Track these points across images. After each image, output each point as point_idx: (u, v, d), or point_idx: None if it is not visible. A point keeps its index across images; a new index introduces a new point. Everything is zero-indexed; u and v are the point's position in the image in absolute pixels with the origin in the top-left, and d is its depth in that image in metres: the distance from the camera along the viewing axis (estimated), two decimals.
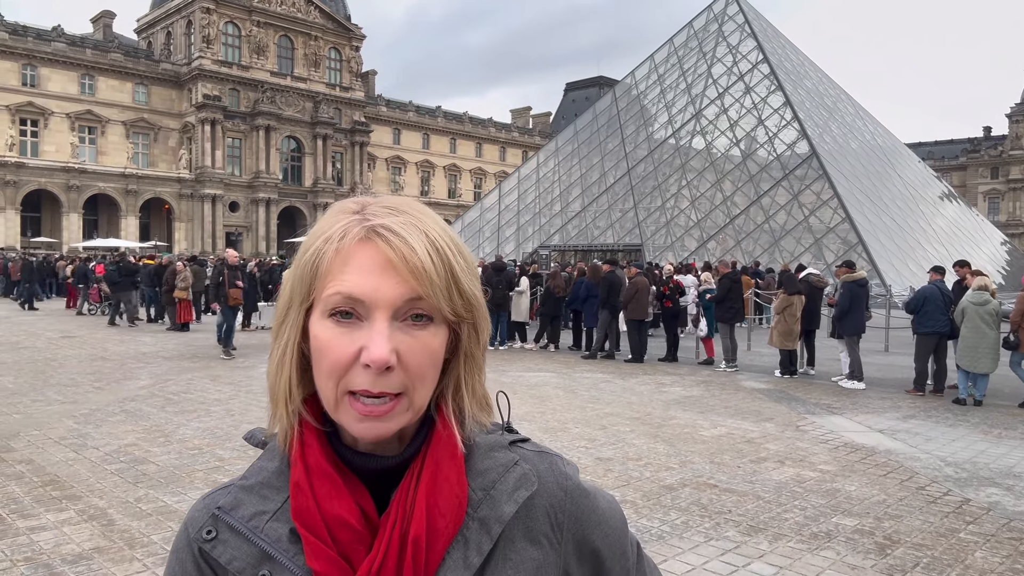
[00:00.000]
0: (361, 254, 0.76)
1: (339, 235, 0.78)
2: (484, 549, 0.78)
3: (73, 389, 9.90)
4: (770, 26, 39.72)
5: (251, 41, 57.47)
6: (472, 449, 0.83)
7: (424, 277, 0.75)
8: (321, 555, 0.75)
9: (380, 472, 0.80)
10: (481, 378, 0.85)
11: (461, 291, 0.78)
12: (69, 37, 53.75)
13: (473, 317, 0.81)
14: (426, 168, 72.84)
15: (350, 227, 0.78)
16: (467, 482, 0.80)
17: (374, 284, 0.75)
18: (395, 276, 0.75)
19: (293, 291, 0.80)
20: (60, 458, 6.43)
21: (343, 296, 0.75)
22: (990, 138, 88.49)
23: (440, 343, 0.78)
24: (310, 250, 0.79)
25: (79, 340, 15.70)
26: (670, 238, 32.80)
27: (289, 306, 0.80)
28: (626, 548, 0.92)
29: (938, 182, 45.71)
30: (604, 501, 0.91)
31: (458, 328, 0.80)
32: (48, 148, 51.11)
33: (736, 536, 4.80)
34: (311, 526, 0.76)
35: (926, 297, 10.58)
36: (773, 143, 32.58)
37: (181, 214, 55.32)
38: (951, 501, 5.62)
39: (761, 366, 13.11)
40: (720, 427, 8.14)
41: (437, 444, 0.80)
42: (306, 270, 0.79)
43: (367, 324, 0.75)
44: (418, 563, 0.75)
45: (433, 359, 0.78)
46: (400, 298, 0.75)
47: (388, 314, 0.75)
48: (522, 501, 0.81)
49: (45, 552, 4.37)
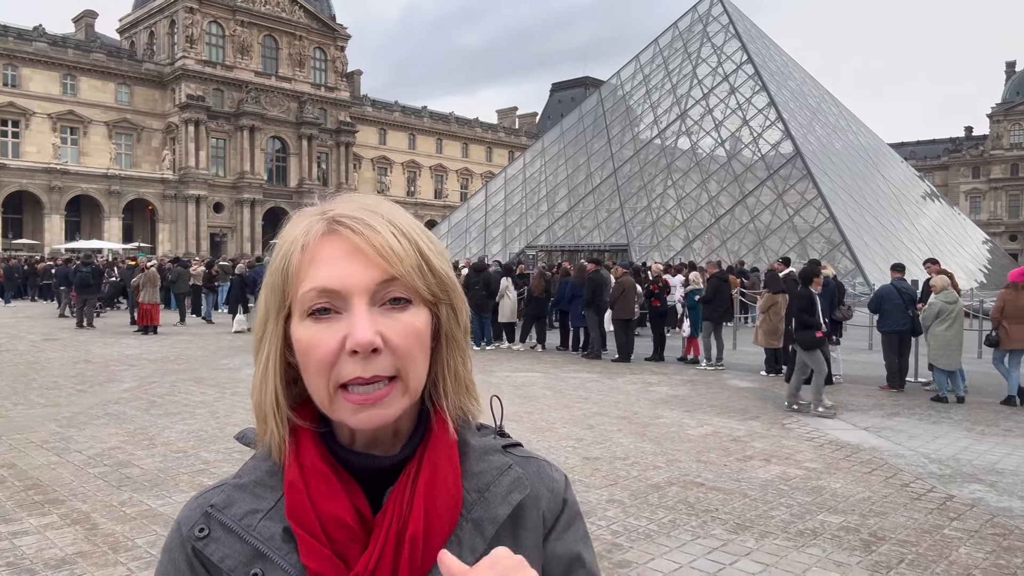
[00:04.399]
0: (327, 247, 0.77)
1: (303, 234, 0.78)
2: (478, 549, 0.78)
3: (56, 392, 9.80)
4: (754, 27, 39.96)
5: (235, 41, 57.10)
6: (466, 451, 0.83)
7: (393, 257, 0.75)
8: (316, 553, 0.75)
9: (375, 472, 0.80)
10: (464, 361, 0.84)
11: (433, 270, 0.78)
12: (51, 37, 53.19)
13: (449, 298, 0.81)
14: (412, 168, 72.66)
15: (312, 225, 0.78)
16: (462, 483, 0.81)
17: (345, 272, 0.75)
18: (364, 260, 0.75)
19: (268, 303, 0.80)
20: (43, 462, 6.36)
21: (317, 291, 0.75)
22: (971, 138, 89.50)
23: (423, 323, 0.78)
24: (278, 257, 0.79)
25: (61, 343, 15.53)
26: (656, 238, 32.92)
27: (266, 319, 0.80)
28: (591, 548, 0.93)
29: (921, 182, 46.14)
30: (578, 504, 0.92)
31: (437, 310, 0.80)
32: (30, 149, 50.53)
33: (723, 534, 4.82)
34: (306, 525, 0.76)
35: (883, 296, 10.86)
36: (758, 143, 32.78)
37: (165, 215, 54.87)
38: (935, 498, 5.67)
39: (747, 365, 13.18)
40: (706, 426, 8.18)
41: (435, 446, 0.81)
42: (276, 278, 0.79)
43: (346, 315, 0.75)
44: (414, 562, 0.75)
45: (419, 339, 0.77)
46: (373, 281, 0.75)
47: (365, 299, 0.75)
48: (515, 504, 0.82)
49: (28, 557, 4.31)
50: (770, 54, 38.74)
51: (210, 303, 21.83)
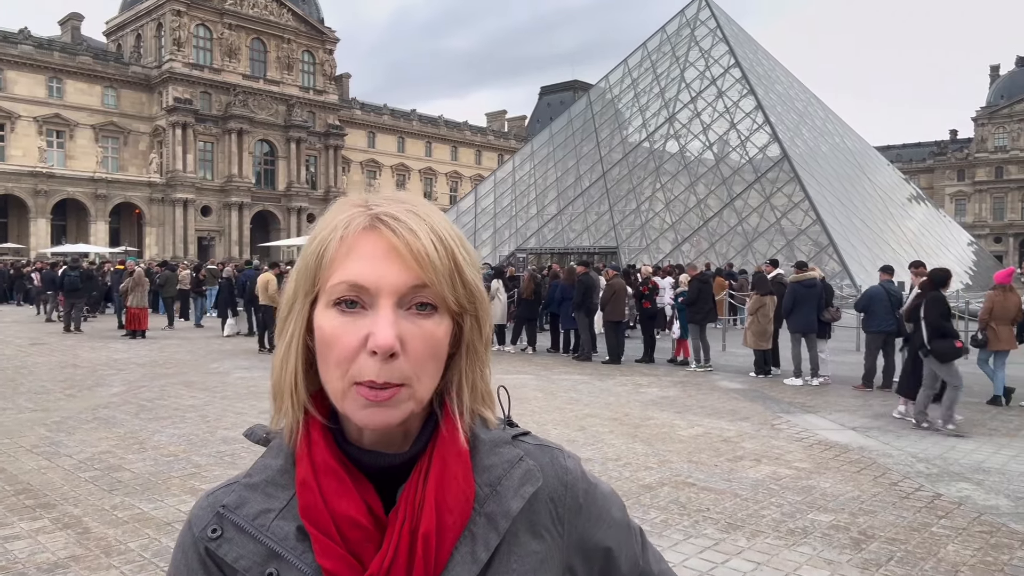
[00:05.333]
0: (365, 242, 0.77)
1: (344, 225, 0.78)
2: (491, 544, 0.78)
3: (44, 396, 9.73)
4: (742, 31, 40.21)
5: (223, 44, 56.90)
6: (477, 445, 0.83)
7: (428, 264, 0.75)
8: (331, 553, 0.75)
9: (385, 470, 0.80)
10: (484, 373, 0.84)
11: (464, 281, 0.79)
12: (36, 39, 52.81)
13: (475, 309, 0.81)
14: (401, 172, 72.58)
15: (354, 217, 0.79)
16: (473, 478, 0.80)
17: (379, 271, 0.75)
18: (399, 263, 0.76)
19: (298, 283, 0.80)
20: (32, 466, 6.32)
21: (348, 284, 0.75)
22: (956, 141, 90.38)
23: (444, 333, 0.78)
24: (315, 241, 0.79)
25: (49, 347, 15.42)
26: (645, 240, 33.03)
27: (294, 299, 0.80)
28: (630, 538, 0.93)
29: (906, 184, 46.51)
30: (604, 493, 0.91)
31: (461, 320, 0.81)
32: (15, 152, 50.15)
33: (714, 533, 4.86)
34: (320, 524, 0.76)
35: (871, 297, 10.99)
36: (745, 146, 32.97)
37: (152, 219, 54.54)
38: (923, 496, 5.73)
39: (736, 366, 13.25)
40: (697, 427, 8.22)
41: (443, 441, 0.80)
42: (311, 261, 0.79)
43: (372, 312, 0.75)
44: (428, 559, 0.75)
45: (436, 349, 0.77)
46: (404, 285, 0.75)
47: (393, 301, 0.75)
48: (528, 496, 0.81)
49: (20, 561, 4.30)
50: (757, 58, 38.98)
51: (199, 307, 21.73)
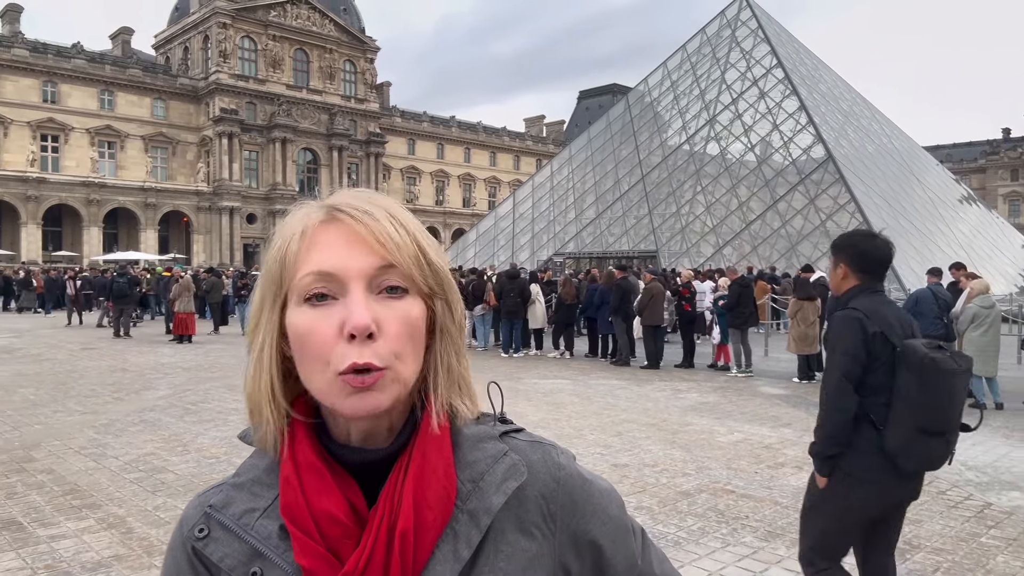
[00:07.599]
0: (327, 233, 0.77)
1: (301, 222, 0.79)
2: (474, 541, 0.77)
3: (93, 400, 10.01)
4: (783, 30, 39.55)
5: (267, 55, 58.08)
6: (459, 440, 0.81)
7: (392, 245, 0.76)
8: (309, 551, 0.74)
9: (369, 466, 0.79)
10: (459, 356, 0.83)
11: (430, 263, 0.79)
12: (88, 54, 54.56)
13: (445, 292, 0.81)
14: (440, 178, 73.13)
15: (311, 213, 0.80)
16: (455, 474, 0.79)
17: (344, 257, 0.76)
18: (363, 246, 0.76)
19: (264, 290, 0.80)
20: (80, 467, 6.50)
21: (315, 275, 0.75)
22: (1009, 139, 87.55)
23: (418, 314, 0.78)
24: (275, 246, 0.80)
25: (99, 352, 15.87)
26: (685, 244, 32.66)
27: (262, 307, 0.80)
28: (627, 537, 0.90)
29: (957, 185, 45.18)
30: (600, 489, 0.88)
31: (432, 304, 0.80)
32: (69, 163, 51.85)
33: (753, 542, 4.76)
34: (299, 522, 0.75)
35: (918, 299, 10.54)
36: (788, 147, 32.38)
37: (199, 226, 55.87)
38: (972, 505, 5.54)
39: (779, 372, 13.02)
40: (737, 433, 8.09)
41: (424, 436, 0.79)
42: (273, 266, 0.79)
43: (343, 300, 0.75)
44: (406, 557, 0.74)
45: (413, 328, 0.77)
46: (371, 267, 0.75)
47: (362, 284, 0.75)
48: (511, 492, 0.79)
49: (65, 560, 4.41)
50: (800, 58, 38.32)
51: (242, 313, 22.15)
